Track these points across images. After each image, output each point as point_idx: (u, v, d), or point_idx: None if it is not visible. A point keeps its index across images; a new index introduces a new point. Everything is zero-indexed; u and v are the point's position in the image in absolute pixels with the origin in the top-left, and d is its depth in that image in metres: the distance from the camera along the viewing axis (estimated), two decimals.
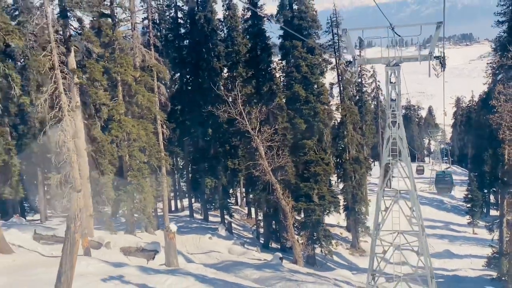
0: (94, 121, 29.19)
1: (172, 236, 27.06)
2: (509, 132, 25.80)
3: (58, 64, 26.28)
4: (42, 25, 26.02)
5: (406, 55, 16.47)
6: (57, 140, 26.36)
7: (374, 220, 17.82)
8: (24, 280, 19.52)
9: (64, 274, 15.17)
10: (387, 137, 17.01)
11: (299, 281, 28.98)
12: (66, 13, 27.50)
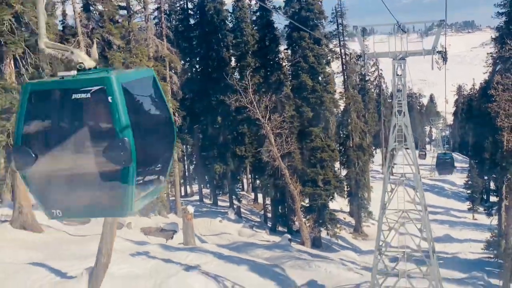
0: None
1: (189, 217, 28.97)
2: (507, 119, 27.40)
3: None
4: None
5: (411, 50, 18.13)
6: None
7: (381, 200, 19.53)
8: (59, 254, 21.28)
9: (104, 246, 16.93)
10: (393, 124, 18.74)
11: (308, 260, 30.86)
12: (89, 7, 29.15)
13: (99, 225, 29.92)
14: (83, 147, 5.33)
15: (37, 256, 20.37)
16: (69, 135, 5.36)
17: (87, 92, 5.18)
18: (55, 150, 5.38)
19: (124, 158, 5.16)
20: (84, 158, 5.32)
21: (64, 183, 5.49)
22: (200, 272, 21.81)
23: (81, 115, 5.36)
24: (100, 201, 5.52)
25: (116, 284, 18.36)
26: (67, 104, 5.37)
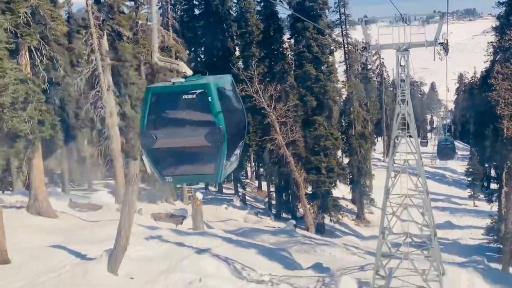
0: (125, 99, 31.71)
1: (198, 203, 29.95)
2: (506, 108, 28.19)
3: (98, 47, 28.93)
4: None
5: (414, 42, 18.92)
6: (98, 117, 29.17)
7: (385, 185, 20.40)
8: (75, 238, 22.27)
9: (123, 229, 17.86)
10: (396, 113, 19.59)
11: (313, 244, 31.78)
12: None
13: (110, 211, 31.13)
14: (190, 132, 7.91)
15: (56, 240, 21.34)
16: (179, 123, 8.02)
17: (193, 94, 7.77)
18: (169, 134, 7.95)
19: (219, 140, 7.77)
20: (190, 140, 7.90)
21: (175, 158, 8.19)
22: (211, 255, 22.75)
23: (189, 110, 7.94)
24: (200, 171, 8.28)
25: (133, 265, 19.32)
26: (178, 102, 7.95)
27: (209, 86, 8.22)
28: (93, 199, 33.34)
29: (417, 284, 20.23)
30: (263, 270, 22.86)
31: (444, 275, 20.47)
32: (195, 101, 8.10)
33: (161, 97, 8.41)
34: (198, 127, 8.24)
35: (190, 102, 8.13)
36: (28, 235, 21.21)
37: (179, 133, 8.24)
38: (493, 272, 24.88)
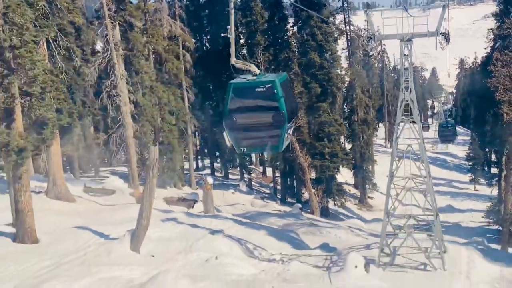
0: (137, 87, 32.77)
1: (209, 187, 31.16)
2: (505, 93, 29.19)
3: (112, 38, 30.00)
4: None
5: (417, 32, 19.94)
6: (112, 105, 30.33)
7: (390, 168, 21.51)
8: (95, 220, 23.44)
9: (144, 211, 19.03)
10: (400, 100, 20.65)
11: (319, 227, 32.96)
12: None
13: (124, 196, 32.31)
14: (260, 115, 11.68)
15: (78, 222, 22.53)
16: (253, 109, 11.76)
17: (263, 88, 11.56)
18: (245, 117, 11.67)
19: (282, 121, 11.57)
20: (260, 121, 11.61)
21: (248, 134, 11.90)
22: (224, 235, 23.93)
23: (259, 99, 11.59)
24: (267, 143, 12.07)
25: (153, 245, 20.53)
26: (252, 93, 11.71)
27: (275, 81, 12.13)
28: (106, 184, 34.54)
29: (420, 261, 21.41)
30: (273, 250, 24.03)
31: (445, 253, 21.62)
32: (264, 92, 11.95)
33: (239, 90, 12.42)
34: (266, 111, 12.06)
35: (260, 93, 11.93)
36: (51, 218, 22.36)
37: (252, 116, 12.07)
38: (492, 250, 26.08)
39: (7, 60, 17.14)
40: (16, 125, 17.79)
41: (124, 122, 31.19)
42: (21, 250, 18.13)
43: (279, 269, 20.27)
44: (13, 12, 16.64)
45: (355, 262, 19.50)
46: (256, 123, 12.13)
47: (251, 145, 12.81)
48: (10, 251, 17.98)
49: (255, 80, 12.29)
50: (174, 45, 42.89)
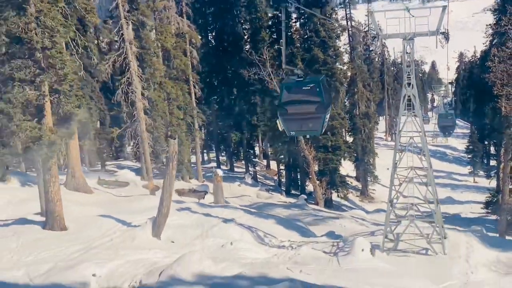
0: (149, 83, 34.10)
1: (219, 179, 32.55)
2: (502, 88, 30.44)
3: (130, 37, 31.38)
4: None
5: (418, 31, 21.25)
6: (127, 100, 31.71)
7: (393, 159, 22.88)
8: (115, 210, 24.78)
9: (165, 200, 20.40)
10: (403, 95, 22.00)
11: (324, 217, 34.38)
12: None
13: (137, 188, 33.69)
14: (306, 106, 15.40)
15: (100, 211, 23.92)
16: (300, 102, 15.36)
17: (309, 86, 15.27)
18: (294, 108, 15.40)
19: (323, 111, 15.48)
20: (307, 111, 15.42)
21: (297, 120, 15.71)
22: (236, 224, 25.34)
23: (306, 94, 15.26)
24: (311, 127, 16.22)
25: (172, 231, 21.92)
26: (300, 90, 15.31)
27: (318, 81, 15.99)
28: (119, 177, 35.93)
29: (422, 246, 22.81)
30: (282, 237, 25.43)
31: (445, 239, 23.00)
32: (309, 89, 15.64)
33: (289, 88, 16.08)
34: (311, 104, 15.68)
35: (306, 90, 15.62)
36: (73, 208, 23.65)
37: (300, 107, 15.73)
38: (490, 237, 27.42)
39: (37, 60, 18.48)
40: (46, 121, 19.16)
41: (139, 117, 32.58)
42: (51, 237, 19.49)
43: (290, 253, 21.69)
44: (45, 16, 17.98)
45: (361, 246, 20.90)
46: (303, 113, 15.85)
47: (299, 129, 16.84)
48: (41, 237, 19.34)
49: (302, 81, 15.92)
50: (181, 41, 44.16)
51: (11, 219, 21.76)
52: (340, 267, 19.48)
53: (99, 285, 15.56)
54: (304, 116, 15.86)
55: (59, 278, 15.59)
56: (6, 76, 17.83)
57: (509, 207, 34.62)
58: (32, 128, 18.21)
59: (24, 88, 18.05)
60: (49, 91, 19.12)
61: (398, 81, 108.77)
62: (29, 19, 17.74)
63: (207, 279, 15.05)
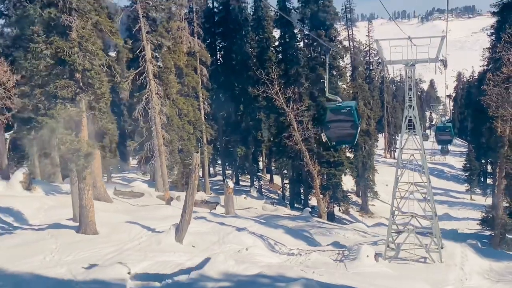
0: (165, 100, 36.25)
1: (230, 191, 34.61)
2: (497, 110, 32.59)
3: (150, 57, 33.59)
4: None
5: (419, 58, 23.39)
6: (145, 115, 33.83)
7: (395, 174, 24.92)
8: (137, 217, 26.75)
9: (187, 208, 22.40)
10: (405, 116, 24.11)
11: (328, 228, 36.31)
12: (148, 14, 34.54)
13: (151, 198, 35.64)
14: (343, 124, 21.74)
15: (124, 218, 25.91)
16: (339, 121, 21.58)
17: (346, 109, 21.40)
18: (335, 125, 21.75)
19: (356, 128, 21.88)
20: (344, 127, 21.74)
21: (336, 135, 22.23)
22: (248, 232, 27.33)
23: (344, 115, 21.46)
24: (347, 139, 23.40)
25: (192, 237, 23.86)
26: (339, 112, 21.56)
27: (352, 106, 21.76)
28: (134, 188, 37.89)
29: (421, 255, 24.80)
30: (291, 246, 27.45)
31: (442, 248, 25.01)
32: (346, 112, 21.27)
33: (332, 110, 21.92)
34: (347, 122, 21.25)
35: (344, 112, 21.21)
36: (99, 214, 25.55)
37: (339, 124, 21.17)
38: (483, 249, 29.47)
39: (77, 80, 20.58)
40: (83, 134, 21.21)
41: (157, 132, 34.69)
42: (85, 240, 21.43)
43: (300, 259, 23.69)
44: (86, 41, 20.12)
45: (366, 252, 22.88)
46: (341, 128, 21.68)
47: (338, 141, 23.79)
48: (77, 240, 21.27)
49: (341, 105, 21.85)
50: (192, 60, 46.41)
51: (45, 224, 23.73)
52: (347, 271, 21.45)
53: (133, 282, 17.47)
54: (342, 131, 21.83)
55: (98, 275, 17.49)
56: (51, 94, 19.86)
57: (502, 222, 36.64)
58: (71, 141, 20.21)
59: (66, 105, 20.07)
60: (85, 108, 21.17)
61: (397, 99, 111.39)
62: (72, 43, 19.81)
63: (232, 277, 16.99)
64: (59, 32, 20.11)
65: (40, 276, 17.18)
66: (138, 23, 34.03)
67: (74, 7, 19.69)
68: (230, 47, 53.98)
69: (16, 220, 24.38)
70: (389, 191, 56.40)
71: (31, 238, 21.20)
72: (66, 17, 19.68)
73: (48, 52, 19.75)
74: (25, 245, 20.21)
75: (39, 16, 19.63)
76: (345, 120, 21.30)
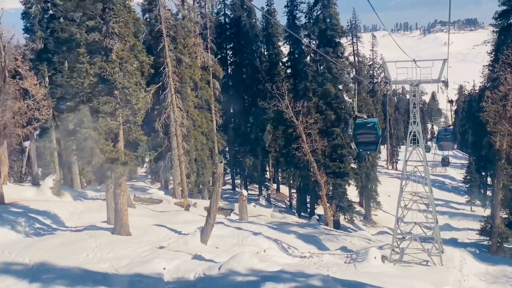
0: (183, 112, 38.74)
1: (244, 198, 36.95)
2: (495, 126, 34.91)
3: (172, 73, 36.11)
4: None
5: (423, 79, 25.82)
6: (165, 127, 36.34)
7: (400, 183, 27.28)
8: (162, 221, 29.14)
9: (212, 212, 24.74)
10: (409, 131, 26.48)
11: (335, 235, 38.57)
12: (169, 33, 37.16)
13: (169, 204, 37.92)
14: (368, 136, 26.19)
15: (151, 222, 28.29)
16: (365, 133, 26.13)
17: (370, 124, 25.73)
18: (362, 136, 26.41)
19: (378, 139, 26.41)
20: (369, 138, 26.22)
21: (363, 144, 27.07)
22: (264, 236, 29.64)
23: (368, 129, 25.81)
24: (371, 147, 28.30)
25: (214, 240, 26.14)
26: (365, 126, 25.82)
27: (375, 121, 27.06)
28: (153, 195, 40.21)
29: (423, 258, 27.10)
30: (302, 249, 29.74)
31: (443, 253, 27.29)
32: (370, 126, 26.26)
33: (359, 125, 26.54)
34: (371, 134, 26.37)
35: (368, 126, 26.19)
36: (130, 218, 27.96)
37: (365, 136, 26.35)
38: (481, 254, 31.78)
39: (116, 96, 22.99)
40: (120, 145, 23.60)
41: (177, 143, 37.17)
42: (121, 240, 23.75)
43: (314, 260, 25.97)
44: (126, 62, 22.57)
45: (374, 254, 25.20)
46: (367, 138, 26.56)
47: (364, 148, 28.80)
48: (113, 240, 23.59)
49: (366, 121, 26.80)
50: (206, 74, 48.92)
51: (81, 226, 26.10)
52: (357, 270, 23.74)
53: (170, 276, 19.76)
54: (367, 140, 26.90)
55: (138, 270, 19.81)
56: (94, 109, 22.29)
57: (499, 231, 38.92)
58: (110, 151, 22.61)
59: (106, 118, 22.49)
60: (122, 121, 23.57)
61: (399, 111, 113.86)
62: (114, 64, 22.25)
63: (257, 272, 19.27)
64: (101, 53, 22.54)
65: (88, 270, 19.50)
66: (162, 42, 36.59)
67: (116, 32, 22.07)
68: (241, 62, 56.67)
69: (54, 223, 26.74)
70: (391, 201, 59.02)
71: (71, 238, 23.55)
72: (108, 40, 22.09)
73: (92, 71, 22.18)
74: (67, 244, 22.55)
75: (84, 40, 22.05)
76: (370, 132, 26.36)
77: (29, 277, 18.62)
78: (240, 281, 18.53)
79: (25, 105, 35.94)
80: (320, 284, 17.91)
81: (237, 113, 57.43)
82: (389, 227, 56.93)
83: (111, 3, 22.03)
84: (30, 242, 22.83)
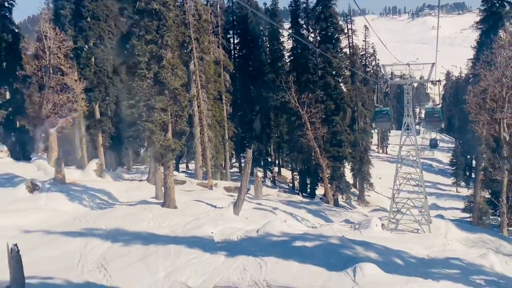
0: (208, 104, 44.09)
1: (259, 179, 42.48)
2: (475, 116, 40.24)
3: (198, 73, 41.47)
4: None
5: (416, 80, 31.44)
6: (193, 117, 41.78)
7: (396, 166, 32.93)
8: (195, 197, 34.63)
9: (243, 188, 30.25)
10: (404, 122, 32.12)
11: (337, 211, 44.29)
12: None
13: (193, 185, 43.25)
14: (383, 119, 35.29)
15: (187, 198, 33.74)
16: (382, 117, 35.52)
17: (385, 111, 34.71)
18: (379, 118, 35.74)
19: (390, 119, 36.00)
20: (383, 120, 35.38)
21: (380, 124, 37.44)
22: (280, 210, 35.32)
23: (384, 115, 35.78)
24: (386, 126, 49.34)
25: (244, 212, 31.63)
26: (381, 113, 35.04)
27: (388, 109, 37.10)
28: (177, 176, 45.52)
29: (414, 227, 32.85)
30: (313, 221, 35.39)
31: (431, 223, 33.06)
32: (385, 112, 36.04)
33: (378, 111, 35.92)
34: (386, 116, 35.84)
35: (384, 112, 35.96)
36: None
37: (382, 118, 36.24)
38: (462, 223, 37.57)
39: (166, 95, 28.29)
40: (169, 135, 28.97)
41: (204, 131, 42.59)
42: (170, 212, 29.11)
43: (326, 228, 31.61)
44: (176, 68, 27.88)
45: (376, 222, 30.95)
46: (383, 121, 36.09)
47: (381, 126, 42.38)
48: (164, 212, 28.96)
49: (382, 109, 35.88)
50: (218, 67, 54.13)
51: (133, 201, 31.49)
52: (362, 235, 29.40)
53: (218, 237, 25.23)
54: (383, 121, 36.30)
55: (192, 233, 25.27)
56: (151, 106, 27.60)
57: (479, 207, 44.79)
58: (164, 140, 28.00)
59: (160, 113, 27.84)
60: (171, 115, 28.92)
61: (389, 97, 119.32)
62: (167, 69, 27.54)
63: (287, 234, 24.85)
64: (155, 61, 27.81)
65: (154, 234, 24.99)
66: (190, 44, 41.90)
67: (169, 44, 27.35)
68: (248, 55, 61.76)
69: (109, 199, 32.11)
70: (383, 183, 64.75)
71: (131, 210, 28.97)
72: (163, 51, 27.38)
73: (149, 75, 27.48)
74: (129, 215, 27.97)
75: (143, 51, 27.30)
76: (385, 116, 35.38)
77: (111, 239, 24.10)
78: (276, 240, 24.13)
79: (65, 97, 41.13)
80: (338, 242, 23.61)
81: (243, 102, 62.62)
82: (380, 206, 62.62)
83: (165, 20, 27.25)
84: (98, 214, 28.20)
